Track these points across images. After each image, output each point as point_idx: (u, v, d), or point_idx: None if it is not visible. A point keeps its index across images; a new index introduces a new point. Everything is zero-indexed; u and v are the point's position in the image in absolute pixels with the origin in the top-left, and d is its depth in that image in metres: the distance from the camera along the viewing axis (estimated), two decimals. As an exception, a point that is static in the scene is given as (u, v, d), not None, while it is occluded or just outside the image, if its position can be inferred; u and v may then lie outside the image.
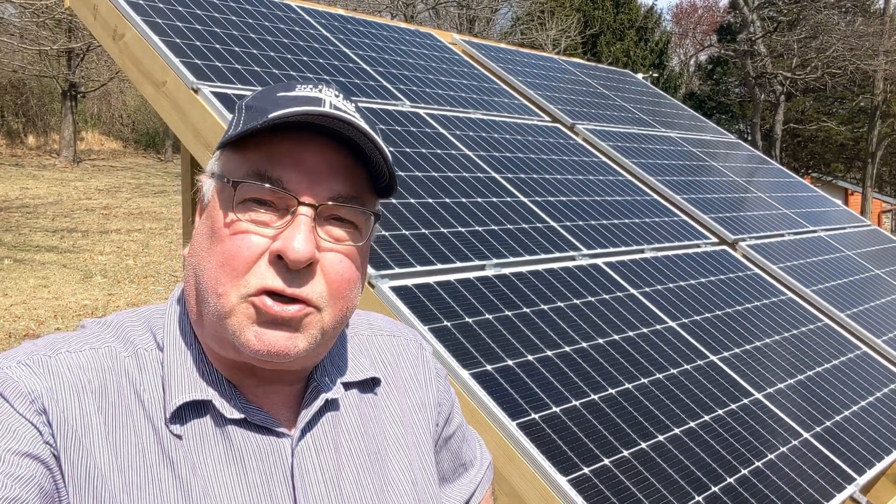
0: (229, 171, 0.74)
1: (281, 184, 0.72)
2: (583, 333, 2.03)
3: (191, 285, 0.76)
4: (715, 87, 32.77)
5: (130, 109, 26.17)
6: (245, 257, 0.71)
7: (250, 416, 0.75)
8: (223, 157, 0.77)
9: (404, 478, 0.83)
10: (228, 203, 0.73)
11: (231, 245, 0.72)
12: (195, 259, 0.75)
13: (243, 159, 0.74)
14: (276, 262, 0.71)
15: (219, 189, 0.75)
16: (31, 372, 0.69)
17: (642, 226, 2.90)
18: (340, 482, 0.77)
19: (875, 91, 26.78)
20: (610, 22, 27.78)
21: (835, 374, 2.50)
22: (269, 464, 0.74)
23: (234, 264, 0.71)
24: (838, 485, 1.95)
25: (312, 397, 0.79)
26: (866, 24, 25.72)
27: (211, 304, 0.72)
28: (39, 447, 0.66)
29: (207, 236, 0.74)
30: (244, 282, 0.71)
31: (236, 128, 0.74)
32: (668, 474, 1.69)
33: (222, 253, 0.72)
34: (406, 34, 3.75)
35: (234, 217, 0.72)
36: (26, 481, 0.64)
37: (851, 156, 31.21)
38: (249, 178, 0.72)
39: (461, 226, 2.27)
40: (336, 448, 0.79)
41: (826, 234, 3.92)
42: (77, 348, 0.73)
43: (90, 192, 15.64)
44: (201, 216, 0.78)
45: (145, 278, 8.92)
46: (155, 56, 2.36)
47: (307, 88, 0.75)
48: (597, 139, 3.58)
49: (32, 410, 0.67)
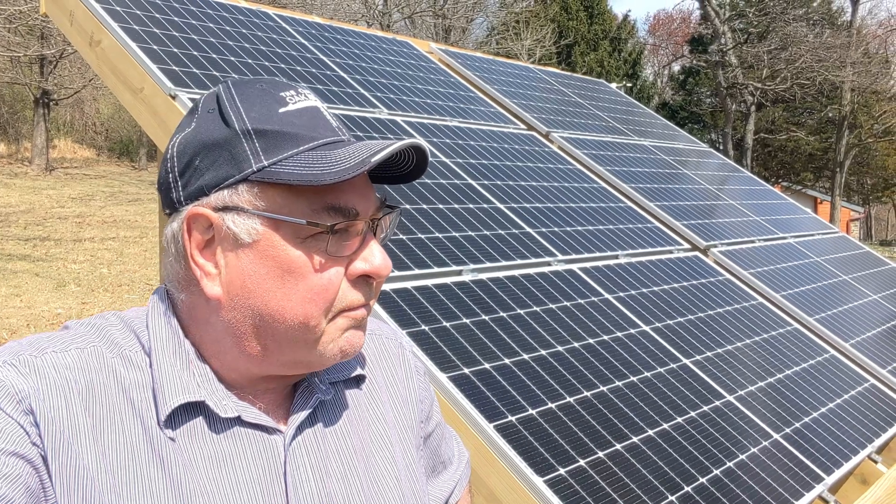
0: (297, 211, 0.73)
1: (357, 213, 0.75)
2: (559, 337, 2.06)
3: (248, 326, 0.75)
4: (687, 98, 33.21)
5: (104, 117, 25.89)
6: (335, 287, 0.74)
7: (244, 415, 0.75)
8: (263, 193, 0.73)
9: (390, 473, 0.84)
10: (302, 241, 0.73)
11: (321, 280, 0.73)
12: (254, 301, 0.74)
13: (299, 195, 0.73)
14: (359, 281, 0.76)
15: (276, 225, 0.73)
16: (17, 372, 0.69)
17: (616, 232, 2.94)
18: (329, 479, 0.78)
19: (842, 102, 27.32)
20: (584, 32, 28.05)
21: (804, 377, 2.55)
22: (262, 461, 0.75)
23: (326, 297, 0.74)
24: (807, 484, 2.00)
25: (305, 396, 0.80)
26: (834, 36, 26.25)
27: (300, 337, 0.74)
28: (26, 447, 0.66)
29: (276, 276, 0.73)
30: (333, 307, 0.75)
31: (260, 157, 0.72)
32: (643, 475, 1.72)
33: (310, 289, 0.73)
34: (383, 42, 3.78)
35: (322, 260, 0.74)
36: (13, 480, 0.64)
37: (820, 165, 31.76)
38: (329, 215, 0.73)
39: (439, 232, 2.30)
40: (324, 445, 0.80)
41: (795, 240, 4.00)
42: (63, 348, 0.72)
43: (63, 200, 15.43)
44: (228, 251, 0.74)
45: (120, 287, 8.82)
46: (132, 62, 2.37)
47: (296, 97, 0.76)
48: (571, 147, 3.63)
49: (19, 411, 0.67)
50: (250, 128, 0.73)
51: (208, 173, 0.73)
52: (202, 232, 0.74)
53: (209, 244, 0.75)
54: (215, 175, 0.73)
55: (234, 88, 0.76)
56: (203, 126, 0.75)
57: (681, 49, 36.54)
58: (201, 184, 0.74)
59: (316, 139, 0.74)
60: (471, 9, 22.43)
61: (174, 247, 0.76)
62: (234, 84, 0.77)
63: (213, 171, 0.73)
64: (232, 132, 0.73)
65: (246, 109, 0.74)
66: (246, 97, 0.75)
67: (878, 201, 35.41)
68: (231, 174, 0.73)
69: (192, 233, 0.74)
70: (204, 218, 0.74)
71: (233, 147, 0.73)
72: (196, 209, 0.73)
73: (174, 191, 0.76)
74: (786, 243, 3.86)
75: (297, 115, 0.74)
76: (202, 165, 0.74)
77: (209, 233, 0.74)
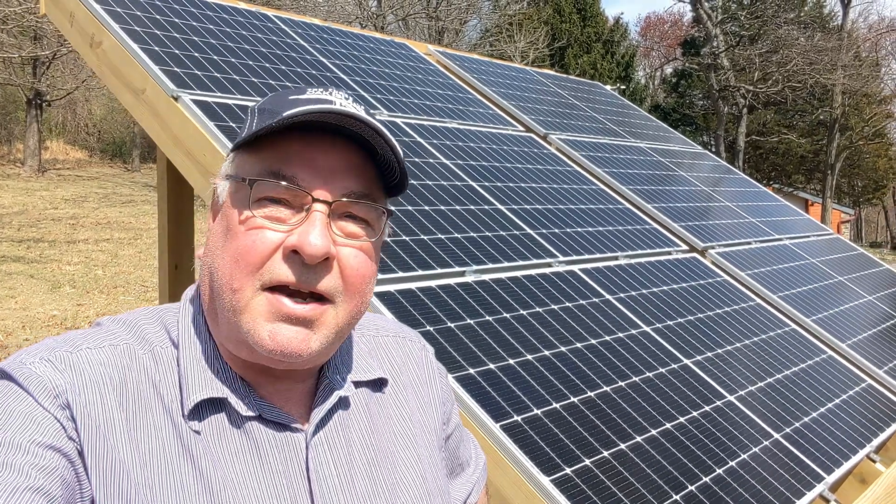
0: (244, 172, 0.76)
1: (296, 181, 0.74)
2: (561, 338, 2.08)
3: (206, 284, 0.78)
4: (680, 100, 33.35)
5: (96, 118, 25.80)
6: (260, 252, 0.72)
7: (265, 413, 0.76)
8: (237, 159, 0.79)
9: (414, 473, 0.85)
10: (244, 201, 0.75)
11: (246, 240, 0.73)
12: (210, 258, 0.77)
13: (258, 160, 0.76)
14: (290, 257, 0.73)
15: (233, 189, 0.77)
16: (53, 368, 0.70)
17: (615, 233, 2.96)
18: (353, 476, 0.79)
19: (834, 104, 27.46)
20: (577, 35, 28.13)
21: (802, 377, 2.57)
22: (284, 458, 0.76)
23: (249, 259, 0.73)
24: (808, 483, 2.01)
25: (325, 394, 0.81)
26: (825, 39, 26.40)
27: (226, 300, 0.74)
28: (63, 441, 0.67)
29: (222, 235, 0.76)
30: (258, 276, 0.72)
31: (250, 129, 0.76)
32: (647, 474, 1.73)
33: (237, 248, 0.73)
34: (382, 44, 3.79)
35: (248, 214, 0.74)
36: (49, 472, 0.65)
37: (811, 167, 31.94)
38: (265, 177, 0.74)
39: (441, 233, 2.31)
40: (348, 444, 0.81)
41: (791, 242, 4.03)
42: (97, 345, 0.74)
43: (56, 201, 15.37)
44: (215, 218, 0.80)
45: (115, 288, 8.79)
46: (134, 64, 2.37)
47: (318, 91, 0.77)
48: (569, 149, 3.64)
49: (56, 405, 0.68)
50: (257, 108, 0.79)
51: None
52: (212, 202, 0.82)
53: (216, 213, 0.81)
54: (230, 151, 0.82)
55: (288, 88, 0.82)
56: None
57: (673, 52, 36.70)
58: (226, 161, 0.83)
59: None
60: (464, 11, 22.45)
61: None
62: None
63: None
64: (249, 115, 0.80)
65: (266, 98, 0.81)
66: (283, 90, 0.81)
67: (869, 203, 35.63)
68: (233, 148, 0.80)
69: (212, 204, 0.82)
70: (213, 189, 0.81)
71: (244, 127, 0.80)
72: (212, 181, 0.82)
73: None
74: (781, 245, 3.88)
75: (301, 101, 0.75)
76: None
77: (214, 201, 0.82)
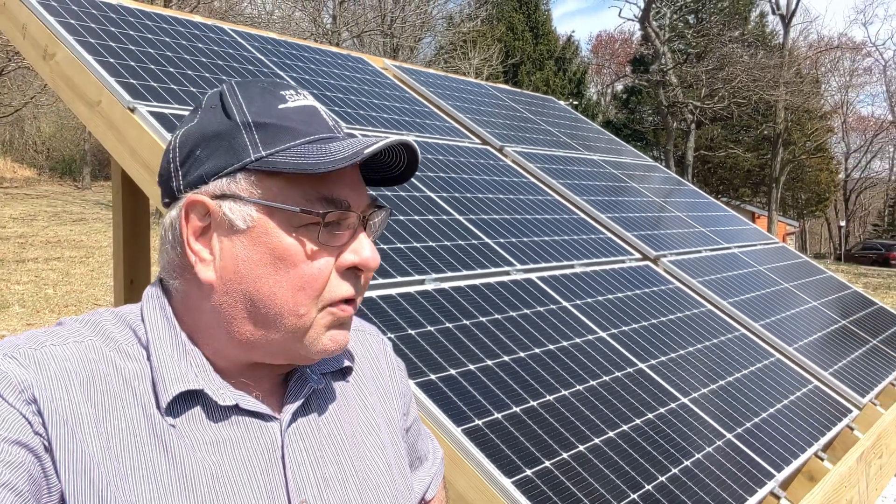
0: (291, 200, 0.75)
1: (349, 206, 0.77)
2: (520, 344, 2.11)
3: (238, 310, 0.76)
4: (630, 116, 34.04)
5: (45, 136, 25.18)
6: (325, 277, 0.76)
7: (242, 403, 0.77)
8: (262, 182, 0.76)
9: (380, 460, 0.88)
10: (311, 233, 0.75)
11: (311, 269, 0.75)
12: (246, 286, 0.76)
13: (297, 184, 0.76)
14: (348, 273, 0.78)
15: (271, 213, 0.75)
16: (18, 364, 0.69)
17: (571, 242, 3.02)
18: (323, 463, 0.81)
19: (777, 120, 28.34)
20: (530, 52, 28.55)
21: (752, 380, 2.65)
22: (260, 447, 0.77)
23: (315, 285, 0.76)
24: (760, 481, 2.08)
25: (299, 385, 0.83)
26: (767, 56, 27.27)
27: (289, 324, 0.76)
28: (29, 436, 0.67)
29: (268, 263, 0.75)
30: (321, 298, 0.77)
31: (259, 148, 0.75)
32: (606, 475, 1.77)
33: (301, 277, 0.75)
34: (338, 58, 3.81)
35: (316, 246, 0.76)
36: (16, 467, 0.65)
37: (757, 181, 32.86)
38: (322, 205, 0.75)
39: (400, 242, 2.33)
40: (318, 431, 0.83)
41: (739, 250, 4.15)
42: (61, 342, 0.73)
43: (4, 220, 14.94)
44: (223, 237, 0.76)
45: (66, 307, 8.57)
46: (88, 75, 2.34)
47: (295, 96, 0.79)
48: (525, 161, 3.71)
49: (22, 400, 0.68)
50: (250, 120, 0.76)
51: (208, 163, 0.76)
52: (199, 219, 0.77)
53: (205, 231, 0.77)
54: (215, 164, 0.76)
55: (237, 87, 0.80)
56: (205, 120, 0.78)
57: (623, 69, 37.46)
58: (201, 172, 0.76)
59: (312, 134, 0.77)
60: (419, 28, 22.61)
61: (171, 234, 0.78)
62: (236, 83, 0.80)
63: (212, 160, 0.76)
64: (233, 124, 0.76)
65: (247, 104, 0.77)
66: (248, 94, 0.78)
67: (812, 215, 36.75)
68: (230, 163, 0.75)
69: (189, 219, 0.76)
70: (201, 205, 0.76)
71: (233, 138, 0.76)
72: (194, 196, 0.76)
73: (174, 180, 0.79)
74: (730, 253, 4.00)
75: (295, 112, 0.77)
76: (202, 155, 0.77)
77: (206, 220, 0.77)
